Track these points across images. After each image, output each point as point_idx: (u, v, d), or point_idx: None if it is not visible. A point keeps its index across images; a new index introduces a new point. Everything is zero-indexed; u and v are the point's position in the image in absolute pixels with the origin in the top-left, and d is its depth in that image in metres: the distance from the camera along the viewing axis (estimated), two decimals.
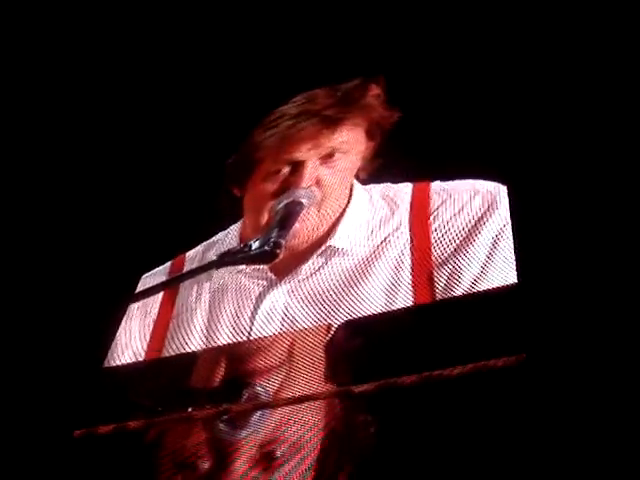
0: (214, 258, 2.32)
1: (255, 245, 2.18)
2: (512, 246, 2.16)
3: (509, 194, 2.22)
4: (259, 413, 2.09)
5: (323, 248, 2.30)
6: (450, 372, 2.03)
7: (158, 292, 2.30)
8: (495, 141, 2.26)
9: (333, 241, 2.31)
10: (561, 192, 2.14)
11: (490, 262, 2.17)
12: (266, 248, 2.18)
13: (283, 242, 2.18)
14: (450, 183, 2.32)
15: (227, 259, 2.22)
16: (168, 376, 2.20)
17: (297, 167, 2.30)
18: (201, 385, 2.17)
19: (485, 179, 2.31)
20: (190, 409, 2.12)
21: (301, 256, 2.31)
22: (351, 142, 2.34)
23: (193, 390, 2.16)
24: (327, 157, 2.32)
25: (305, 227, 2.30)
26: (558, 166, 2.17)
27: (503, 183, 2.26)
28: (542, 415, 1.93)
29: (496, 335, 2.05)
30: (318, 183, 2.31)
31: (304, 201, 2.26)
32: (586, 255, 2.06)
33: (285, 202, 2.25)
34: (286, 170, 2.31)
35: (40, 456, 2.17)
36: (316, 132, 2.31)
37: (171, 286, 2.31)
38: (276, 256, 2.17)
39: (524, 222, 2.16)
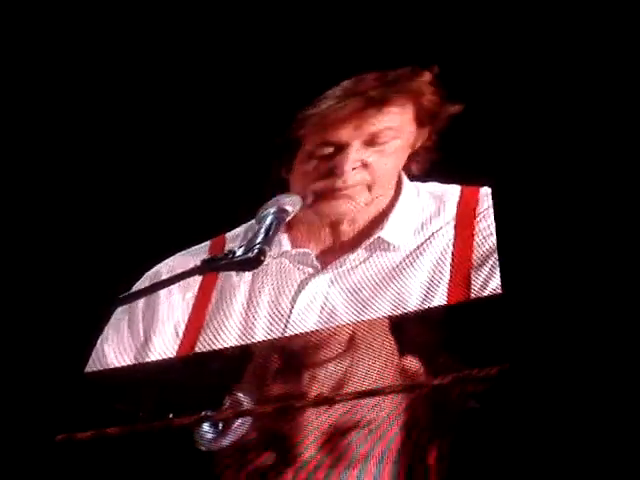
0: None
1: (239, 252, 2.15)
2: None
3: (493, 205, 2.23)
4: (240, 420, 2.08)
5: (372, 240, 2.28)
6: (432, 381, 2.04)
7: (139, 298, 2.26)
8: (479, 150, 2.25)
9: (383, 233, 2.28)
10: (546, 202, 2.14)
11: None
12: (250, 255, 2.14)
13: (267, 249, 2.14)
14: None
15: (210, 265, 2.19)
16: (152, 382, 2.18)
17: (341, 148, 2.27)
18: (184, 392, 2.16)
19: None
20: (171, 415, 2.11)
21: (348, 244, 2.30)
22: (398, 126, 2.29)
23: (178, 395, 2.14)
24: (372, 140, 2.28)
25: (354, 204, 2.29)
26: (542, 177, 2.17)
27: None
28: (526, 424, 1.94)
29: (480, 344, 2.06)
30: (366, 166, 2.27)
31: (288, 208, 2.22)
32: (570, 265, 2.06)
33: (270, 209, 2.21)
34: (329, 151, 2.28)
35: (21, 460, 2.14)
36: (360, 112, 2.27)
37: (149, 294, 2.26)
38: (260, 263, 2.14)
39: (507, 232, 2.16)
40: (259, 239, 2.14)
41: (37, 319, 2.32)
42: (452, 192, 2.31)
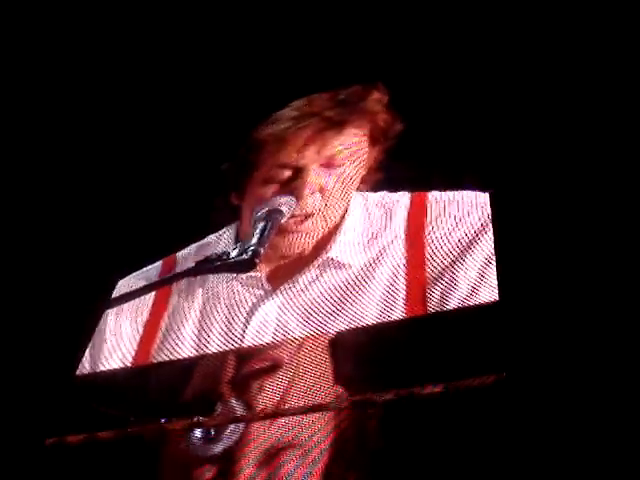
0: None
1: (233, 253, 2.14)
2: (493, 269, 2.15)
3: (492, 213, 2.19)
4: (232, 427, 2.07)
5: (321, 260, 2.25)
6: (430, 390, 2.02)
7: (134, 298, 2.25)
8: (477, 156, 2.22)
9: (332, 253, 2.25)
10: (544, 210, 2.12)
11: (482, 281, 2.14)
12: (244, 257, 2.13)
13: (261, 250, 2.13)
14: (448, 194, 2.26)
15: (205, 267, 2.17)
16: (142, 386, 2.17)
17: (299, 172, 2.23)
18: (176, 396, 2.15)
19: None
20: (163, 420, 2.10)
21: (298, 266, 2.27)
22: (354, 148, 2.27)
23: (167, 401, 2.13)
24: (330, 162, 2.25)
25: (309, 236, 2.27)
26: (539, 183, 2.14)
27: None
28: (521, 433, 1.91)
29: (476, 353, 2.04)
30: (322, 191, 2.24)
31: (284, 209, 2.20)
32: (567, 273, 2.04)
33: (264, 210, 2.19)
34: (287, 174, 2.24)
35: (11, 464, 2.14)
36: (317, 134, 2.24)
37: (144, 294, 2.25)
38: (254, 265, 2.12)
39: (506, 239, 2.14)
40: (253, 241, 2.13)
41: (26, 322, 2.32)
42: (401, 202, 2.28)
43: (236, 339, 2.22)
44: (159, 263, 2.40)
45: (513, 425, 1.92)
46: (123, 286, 2.37)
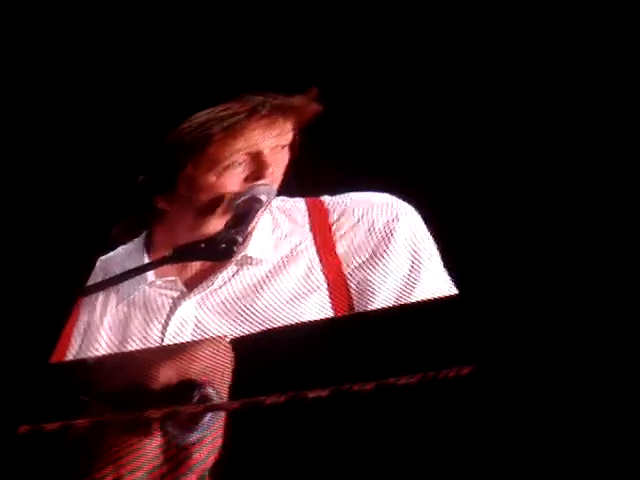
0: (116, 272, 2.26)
1: (211, 242, 2.15)
2: (429, 252, 2.20)
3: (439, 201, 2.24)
4: (210, 415, 2.09)
5: (238, 257, 2.25)
6: (398, 382, 2.06)
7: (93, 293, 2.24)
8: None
9: (248, 250, 2.26)
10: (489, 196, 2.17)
11: (412, 274, 2.21)
12: (222, 245, 2.15)
13: (240, 239, 2.14)
14: (342, 196, 2.32)
15: (180, 255, 2.18)
16: (119, 375, 2.17)
17: (257, 156, 2.23)
18: (149, 385, 2.15)
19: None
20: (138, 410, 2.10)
21: (213, 266, 2.26)
22: (290, 140, 2.29)
23: (141, 390, 2.13)
24: (275, 147, 2.27)
25: None
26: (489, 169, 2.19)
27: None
28: (494, 425, 1.97)
29: (441, 346, 2.08)
30: (273, 174, 2.26)
31: (263, 197, 2.21)
32: (527, 260, 2.09)
33: (244, 198, 2.20)
34: (243, 161, 2.24)
35: None
36: (271, 120, 2.25)
37: (105, 288, 2.24)
38: (232, 253, 2.15)
39: (458, 231, 2.19)
40: (231, 229, 2.14)
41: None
42: (299, 207, 2.32)
43: (155, 343, 2.21)
44: None
45: (485, 418, 1.98)
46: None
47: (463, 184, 2.21)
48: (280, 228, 2.30)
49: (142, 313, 2.25)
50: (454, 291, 2.16)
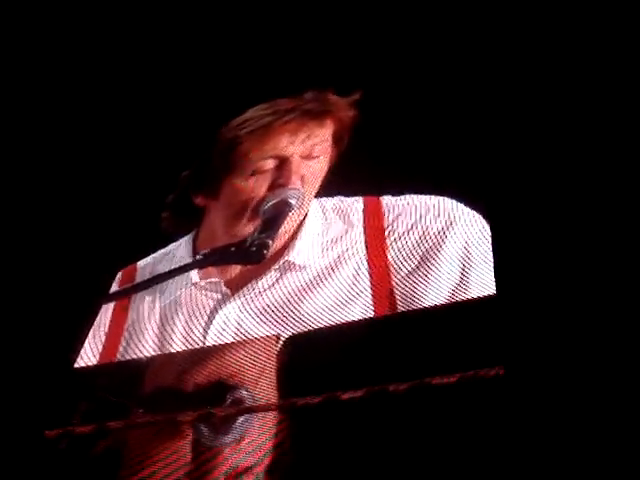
0: (164, 270, 2.27)
1: (242, 245, 2.15)
2: (483, 260, 2.18)
3: (487, 205, 2.24)
4: (242, 418, 2.07)
5: (280, 263, 2.25)
6: (429, 382, 2.04)
7: (129, 295, 2.24)
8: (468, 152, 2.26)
9: (291, 256, 2.26)
10: (541, 200, 2.17)
11: (464, 278, 2.19)
12: (253, 249, 2.14)
13: (270, 243, 2.14)
14: (401, 198, 2.30)
15: (211, 259, 2.18)
16: (150, 377, 2.15)
17: (283, 162, 2.23)
18: (184, 387, 2.13)
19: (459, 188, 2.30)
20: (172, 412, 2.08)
21: (257, 270, 2.25)
22: (327, 143, 2.28)
23: (175, 392, 2.11)
24: (309, 154, 2.26)
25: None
26: (535, 174, 2.20)
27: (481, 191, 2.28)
28: (519, 429, 1.96)
29: (472, 348, 2.07)
30: (302, 180, 2.25)
31: (293, 202, 2.20)
32: (565, 266, 2.09)
33: (273, 202, 2.20)
34: (271, 167, 2.23)
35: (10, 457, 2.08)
36: (301, 125, 2.23)
37: (141, 290, 2.24)
38: (263, 257, 2.13)
39: (502, 233, 2.18)
40: (261, 233, 2.14)
41: (25, 313, 2.26)
42: (356, 207, 2.30)
43: (197, 344, 2.21)
44: (118, 275, 2.36)
45: (511, 420, 1.96)
46: None
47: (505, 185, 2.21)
48: (331, 230, 2.29)
49: (185, 313, 2.26)
50: None
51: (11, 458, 2.08)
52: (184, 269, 2.23)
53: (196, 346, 2.21)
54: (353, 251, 2.25)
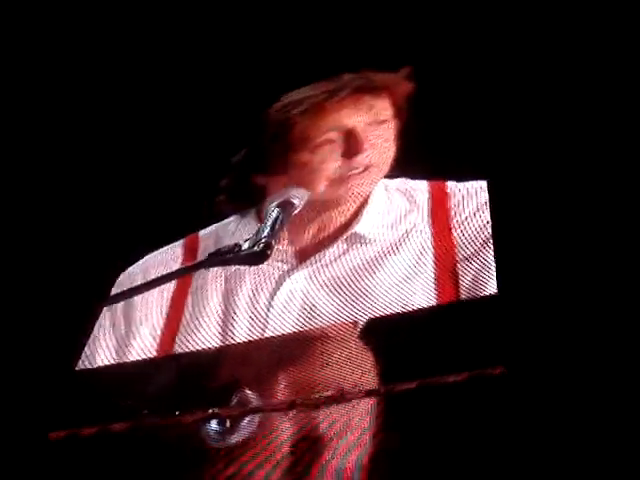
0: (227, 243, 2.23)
1: (245, 245, 2.13)
2: None
3: (490, 202, 2.24)
4: (248, 418, 2.06)
5: (348, 234, 2.27)
6: (429, 382, 2.04)
7: (132, 296, 2.22)
8: (474, 144, 2.27)
9: (359, 228, 2.27)
10: (545, 201, 2.17)
11: None
12: (256, 249, 2.13)
13: (273, 243, 2.13)
14: (466, 184, 2.31)
15: (217, 259, 2.16)
16: (155, 378, 2.13)
17: (350, 132, 2.26)
18: (191, 388, 2.11)
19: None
20: (177, 412, 2.06)
21: (324, 241, 2.28)
22: (388, 111, 2.30)
23: (182, 393, 2.10)
24: (374, 121, 2.28)
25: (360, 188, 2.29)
26: (538, 174, 2.20)
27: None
28: (521, 428, 1.96)
29: (474, 347, 2.07)
30: (372, 147, 2.27)
31: (295, 201, 2.21)
32: (569, 266, 2.09)
33: (277, 202, 2.20)
34: (336, 139, 2.26)
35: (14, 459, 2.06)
36: (359, 98, 2.27)
37: (150, 288, 2.22)
38: (267, 257, 2.13)
39: (505, 232, 2.19)
40: (265, 233, 2.13)
41: (27, 315, 2.24)
42: (421, 188, 2.32)
43: (262, 313, 2.21)
44: (181, 242, 2.37)
45: (515, 419, 1.96)
46: (149, 261, 2.35)
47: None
48: (396, 209, 2.30)
49: (250, 281, 2.26)
50: None
51: (14, 460, 2.05)
52: (187, 270, 2.22)
53: (260, 315, 2.22)
54: (418, 229, 2.26)
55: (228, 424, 2.05)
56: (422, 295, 2.17)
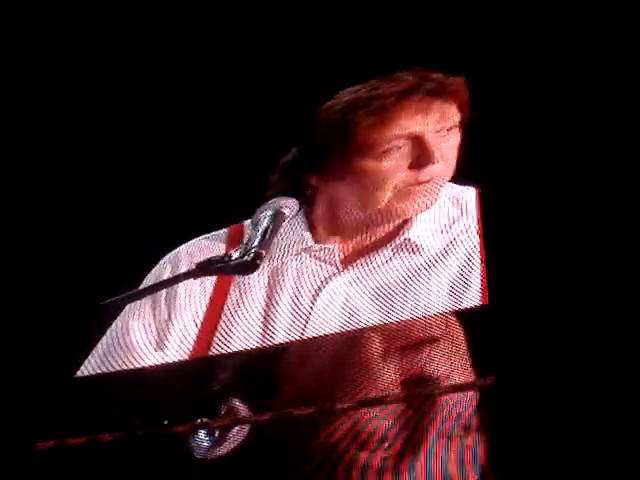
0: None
1: (235, 255, 2.13)
2: None
3: (481, 211, 2.25)
4: (237, 428, 2.04)
5: (399, 240, 2.26)
6: (418, 393, 2.04)
7: (139, 298, 2.21)
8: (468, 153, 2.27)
9: (411, 234, 2.26)
10: (536, 211, 2.18)
11: None
12: (246, 258, 2.12)
13: (264, 253, 2.13)
14: None
15: (206, 268, 2.15)
16: (147, 387, 2.13)
17: (418, 140, 2.21)
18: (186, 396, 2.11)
19: None
20: (166, 422, 2.05)
21: (373, 244, 2.28)
22: (457, 117, 2.26)
23: (172, 402, 2.09)
24: (442, 130, 2.24)
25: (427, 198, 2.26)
26: (530, 185, 2.21)
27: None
28: (510, 438, 1.96)
29: (465, 357, 2.07)
30: (442, 157, 2.23)
31: (286, 211, 2.21)
32: (560, 275, 2.10)
33: (268, 212, 2.19)
34: (405, 146, 2.21)
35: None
36: (429, 103, 2.21)
37: (151, 293, 2.20)
38: (256, 267, 2.12)
39: (495, 243, 2.19)
40: (255, 242, 2.13)
41: (24, 322, 2.24)
42: (469, 195, 2.30)
43: (304, 313, 2.22)
44: (225, 230, 2.37)
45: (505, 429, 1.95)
46: (187, 250, 2.35)
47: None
48: (444, 214, 2.29)
49: (293, 279, 2.27)
50: None
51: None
52: (174, 280, 2.21)
53: (302, 315, 2.22)
54: (466, 237, 2.25)
55: (216, 435, 2.04)
56: (468, 305, 2.18)
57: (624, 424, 1.90)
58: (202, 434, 2.03)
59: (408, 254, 2.25)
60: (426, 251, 2.25)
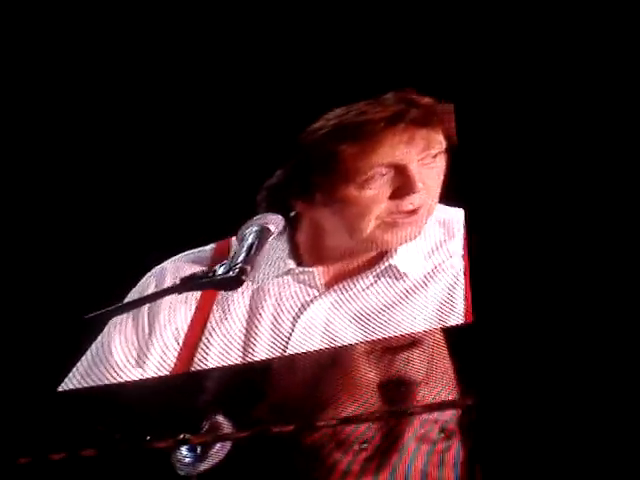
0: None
1: (220, 270, 2.12)
2: None
3: (466, 230, 2.24)
4: (219, 444, 2.04)
5: (383, 266, 2.23)
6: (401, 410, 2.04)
7: (123, 313, 2.20)
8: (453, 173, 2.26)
9: (395, 261, 2.23)
10: (519, 231, 2.18)
11: None
12: (231, 274, 2.11)
13: (249, 269, 2.11)
14: None
15: (191, 283, 2.14)
16: (130, 402, 2.12)
17: (402, 170, 2.16)
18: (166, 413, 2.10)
19: None
20: (148, 438, 2.05)
21: (356, 268, 2.24)
22: (442, 145, 2.21)
23: (153, 417, 2.09)
24: (426, 159, 2.19)
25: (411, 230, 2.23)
26: (515, 202, 2.20)
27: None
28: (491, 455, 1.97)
29: (447, 374, 2.08)
30: (425, 187, 2.18)
31: (272, 227, 2.18)
32: (543, 292, 2.10)
33: (253, 228, 2.17)
34: (387, 175, 2.17)
35: None
36: (415, 134, 2.17)
37: (134, 308, 2.20)
38: (241, 283, 2.11)
39: (480, 261, 2.19)
40: (240, 258, 2.11)
41: (6, 336, 2.23)
42: (457, 219, 2.27)
43: (284, 335, 2.20)
44: (211, 246, 2.33)
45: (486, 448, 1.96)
46: (173, 266, 2.32)
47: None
48: (430, 237, 2.26)
49: (275, 300, 2.24)
50: None
51: None
52: (158, 295, 2.20)
53: (282, 337, 2.20)
54: (450, 264, 2.23)
55: (199, 451, 2.04)
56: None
57: (605, 438, 1.91)
58: (184, 450, 2.03)
59: (391, 280, 2.23)
60: (410, 277, 2.23)
